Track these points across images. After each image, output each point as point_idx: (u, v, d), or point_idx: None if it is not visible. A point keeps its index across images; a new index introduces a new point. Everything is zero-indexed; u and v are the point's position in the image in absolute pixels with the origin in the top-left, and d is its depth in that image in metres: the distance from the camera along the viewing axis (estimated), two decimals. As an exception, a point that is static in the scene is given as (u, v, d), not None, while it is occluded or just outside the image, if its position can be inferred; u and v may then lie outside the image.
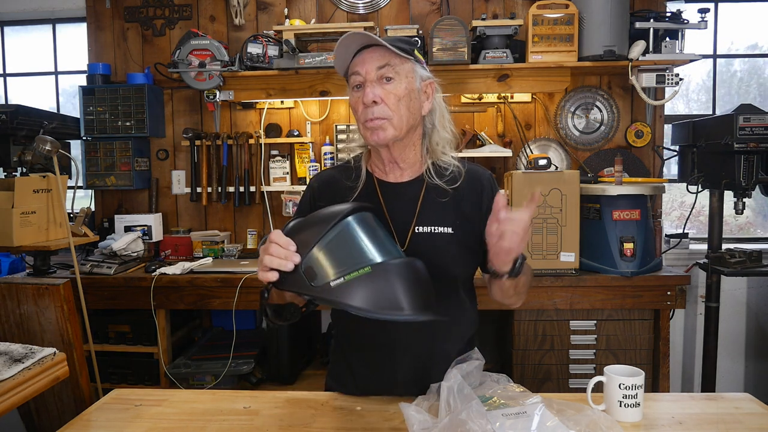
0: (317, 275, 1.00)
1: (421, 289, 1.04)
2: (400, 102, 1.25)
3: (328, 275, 1.00)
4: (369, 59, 1.24)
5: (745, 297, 3.05)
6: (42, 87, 3.40)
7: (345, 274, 0.99)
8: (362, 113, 1.26)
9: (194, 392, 1.41)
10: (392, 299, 1.00)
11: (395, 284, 1.01)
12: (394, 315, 1.00)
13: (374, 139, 1.26)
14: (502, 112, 2.97)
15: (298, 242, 1.03)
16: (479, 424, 0.97)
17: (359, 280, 0.99)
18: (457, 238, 1.30)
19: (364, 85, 1.25)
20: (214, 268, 2.64)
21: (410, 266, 1.05)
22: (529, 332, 2.47)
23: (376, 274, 1.01)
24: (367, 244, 1.06)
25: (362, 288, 0.99)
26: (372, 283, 1.00)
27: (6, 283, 1.86)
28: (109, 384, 2.56)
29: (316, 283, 1.00)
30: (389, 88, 1.24)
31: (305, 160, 2.98)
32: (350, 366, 1.38)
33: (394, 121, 1.25)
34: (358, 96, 1.27)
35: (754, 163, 2.45)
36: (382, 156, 1.32)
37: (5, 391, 1.24)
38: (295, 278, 1.01)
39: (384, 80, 1.24)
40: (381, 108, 1.24)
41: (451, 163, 1.35)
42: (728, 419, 1.19)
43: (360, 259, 1.03)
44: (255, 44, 2.77)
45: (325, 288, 0.99)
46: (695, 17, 2.62)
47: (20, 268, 2.99)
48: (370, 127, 1.25)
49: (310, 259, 1.02)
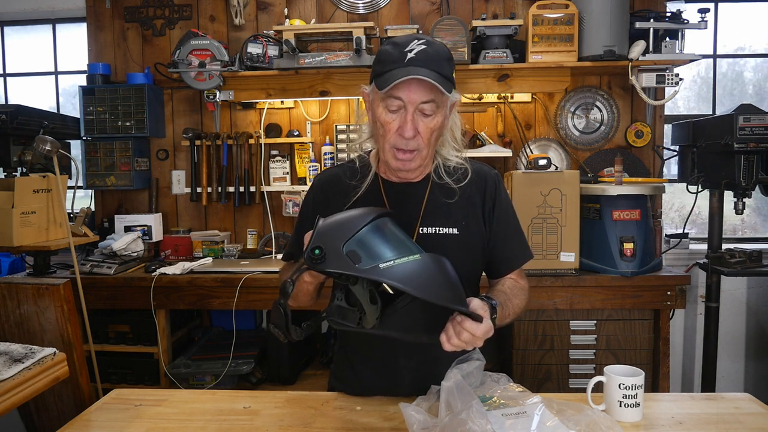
0: (362, 259, 0.98)
1: (458, 284, 1.04)
2: (432, 134, 1.22)
3: (377, 258, 0.98)
4: (416, 90, 1.17)
5: (745, 297, 3.05)
6: (42, 87, 3.39)
7: (395, 258, 0.98)
8: (394, 139, 1.21)
9: (194, 392, 1.41)
10: (440, 286, 0.99)
11: (443, 273, 1.01)
12: (441, 301, 0.98)
13: (398, 166, 1.24)
14: (502, 112, 2.97)
15: (336, 231, 1.01)
16: (479, 424, 0.97)
17: (409, 264, 0.98)
18: (462, 239, 1.29)
19: (405, 114, 1.19)
20: (214, 268, 2.64)
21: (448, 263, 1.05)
22: (529, 332, 2.47)
23: (426, 263, 1.00)
24: (407, 239, 1.07)
25: (412, 272, 0.97)
26: (422, 269, 0.99)
27: (6, 283, 1.86)
28: (109, 384, 2.56)
29: (362, 266, 0.97)
30: (426, 122, 1.20)
31: (305, 160, 2.98)
32: (354, 367, 1.37)
33: (423, 153, 1.23)
34: (392, 119, 1.20)
35: (754, 163, 2.45)
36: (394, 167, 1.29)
37: (5, 391, 1.24)
38: (337, 260, 0.98)
39: (422, 114, 1.20)
40: (416, 141, 1.20)
41: (458, 162, 1.34)
42: (728, 419, 1.19)
43: (406, 248, 1.02)
44: (255, 44, 2.77)
45: (374, 270, 0.96)
46: (695, 17, 2.62)
47: (20, 268, 2.99)
48: (400, 158, 1.23)
49: (353, 243, 1.00)
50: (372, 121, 1.27)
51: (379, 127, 1.23)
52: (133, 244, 2.81)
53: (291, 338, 1.03)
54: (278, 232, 3.07)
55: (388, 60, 1.18)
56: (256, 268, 2.62)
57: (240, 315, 2.95)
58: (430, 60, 1.16)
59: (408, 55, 1.16)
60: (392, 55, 1.18)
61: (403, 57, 1.16)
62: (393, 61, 1.17)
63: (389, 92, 1.17)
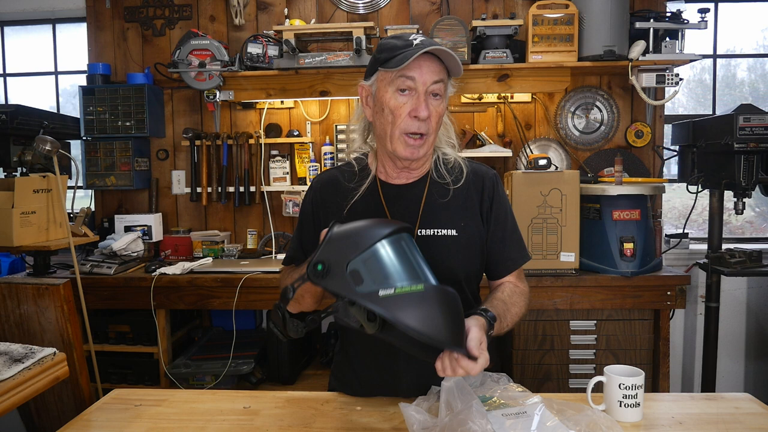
0: (364, 281, 0.95)
1: (460, 322, 1.01)
2: (440, 119, 1.22)
3: (378, 283, 0.95)
4: (428, 69, 1.17)
5: (745, 297, 3.05)
6: (42, 87, 3.40)
7: (396, 287, 0.94)
8: (406, 123, 1.19)
9: (194, 392, 1.41)
10: (438, 324, 0.94)
11: (444, 310, 0.96)
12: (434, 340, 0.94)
13: (407, 154, 1.22)
14: (502, 112, 2.97)
15: (345, 245, 0.98)
16: (479, 424, 0.98)
17: (410, 296, 0.94)
18: (461, 241, 1.28)
19: (417, 95, 1.18)
20: (214, 268, 2.64)
21: (455, 297, 1.00)
22: (529, 332, 2.47)
23: (429, 296, 0.96)
24: (420, 264, 1.02)
25: (411, 305, 0.93)
26: (423, 302, 0.94)
27: (6, 283, 1.86)
28: (109, 384, 2.56)
29: (362, 289, 0.94)
30: (436, 104, 1.20)
31: (305, 160, 2.98)
32: (354, 367, 1.37)
33: (430, 139, 1.23)
34: (403, 102, 1.19)
35: (754, 163, 2.45)
36: (397, 164, 1.29)
37: (5, 391, 1.24)
38: (339, 278, 0.95)
39: (431, 95, 1.19)
40: (427, 124, 1.19)
41: (455, 162, 1.33)
42: (728, 419, 1.19)
43: (414, 274, 0.98)
44: (255, 44, 2.77)
45: (372, 296, 0.93)
46: (695, 17, 2.62)
47: (20, 268, 2.99)
48: (411, 144, 1.21)
49: (359, 262, 0.96)
50: (377, 110, 1.25)
51: (388, 114, 1.21)
52: (133, 244, 2.81)
53: (289, 336, 1.06)
54: (278, 232, 3.07)
55: (395, 47, 1.19)
56: (256, 268, 2.62)
57: (240, 315, 2.95)
58: (434, 44, 1.18)
59: (414, 42, 1.18)
60: (397, 44, 1.19)
61: (409, 43, 1.18)
62: (400, 47, 1.18)
63: (401, 71, 1.17)
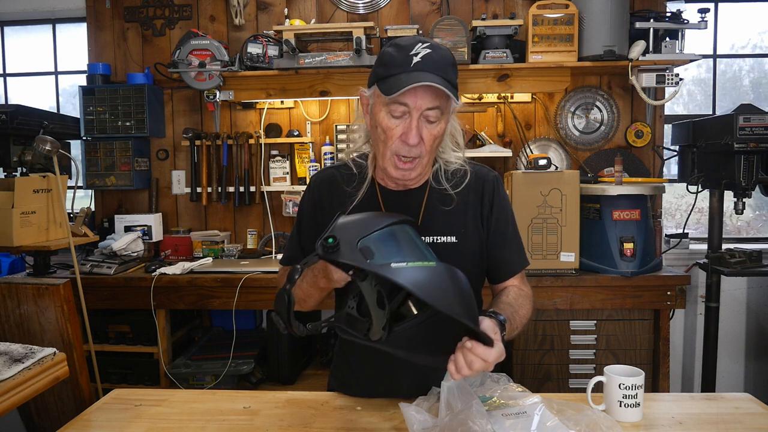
0: (375, 256, 0.94)
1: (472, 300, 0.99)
2: (434, 141, 1.20)
3: (391, 257, 0.94)
4: (422, 96, 1.14)
5: (745, 297, 3.05)
6: (42, 87, 3.40)
7: (409, 260, 0.94)
8: (396, 146, 1.18)
9: (194, 392, 1.41)
10: (451, 298, 0.93)
11: (457, 287, 0.95)
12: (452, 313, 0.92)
13: (398, 175, 1.21)
14: (502, 112, 2.97)
15: (354, 227, 0.98)
16: (479, 424, 0.98)
17: (423, 269, 0.93)
18: (462, 248, 1.26)
19: (409, 120, 1.15)
20: (214, 268, 2.64)
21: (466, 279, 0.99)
22: (529, 332, 2.47)
23: (441, 271, 0.95)
24: (425, 248, 1.02)
25: (425, 277, 0.92)
26: (436, 276, 0.94)
27: (6, 283, 1.86)
28: (109, 384, 2.56)
29: (374, 262, 0.93)
30: (430, 128, 1.17)
31: (305, 160, 2.98)
32: (353, 368, 1.37)
33: (424, 161, 1.21)
34: (395, 125, 1.17)
35: (754, 163, 2.45)
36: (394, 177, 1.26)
37: (5, 391, 1.24)
38: (350, 252, 0.94)
39: (427, 120, 1.17)
40: (419, 149, 1.18)
41: (457, 164, 1.31)
42: (728, 419, 1.19)
43: (422, 255, 0.98)
44: (255, 44, 2.77)
45: (385, 267, 0.92)
46: (695, 17, 2.62)
47: (20, 268, 2.99)
48: (401, 167, 1.19)
49: (369, 240, 0.96)
50: (372, 125, 1.23)
51: (381, 133, 1.19)
52: (133, 244, 2.81)
53: (291, 330, 0.98)
54: (278, 232, 3.07)
55: (393, 63, 1.15)
56: (256, 268, 2.62)
57: (240, 315, 2.95)
58: (436, 65, 1.14)
59: (414, 60, 1.13)
60: (396, 59, 1.15)
61: (408, 61, 1.13)
62: (398, 65, 1.14)
63: (394, 99, 1.14)
